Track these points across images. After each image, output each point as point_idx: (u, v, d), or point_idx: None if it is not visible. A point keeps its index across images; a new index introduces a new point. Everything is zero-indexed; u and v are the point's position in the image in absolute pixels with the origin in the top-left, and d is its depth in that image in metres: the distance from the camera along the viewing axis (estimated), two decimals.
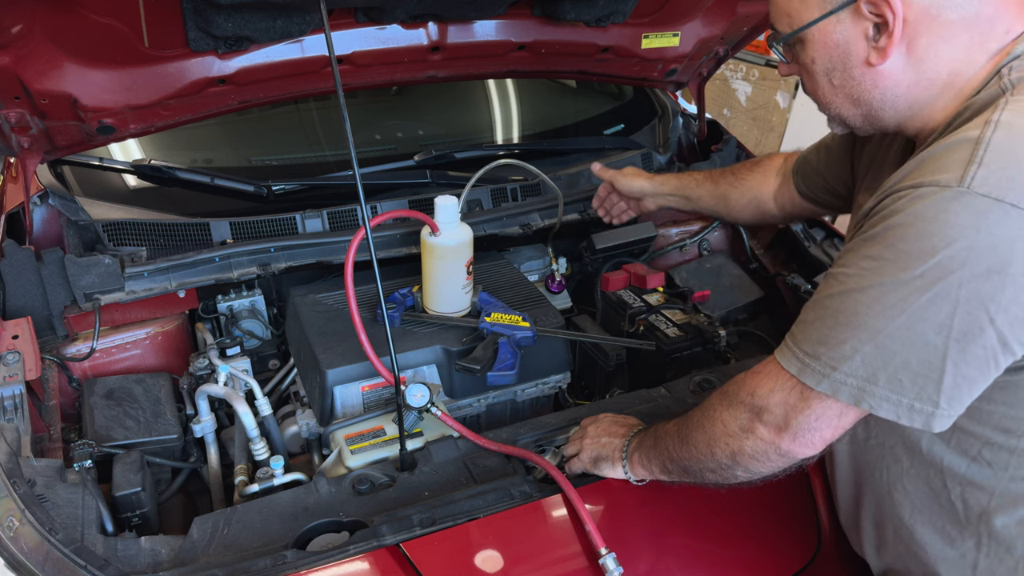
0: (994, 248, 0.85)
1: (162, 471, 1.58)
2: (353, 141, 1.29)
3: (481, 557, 1.20)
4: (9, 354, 1.47)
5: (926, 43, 0.97)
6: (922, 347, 0.90)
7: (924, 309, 0.89)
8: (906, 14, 0.94)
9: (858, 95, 1.04)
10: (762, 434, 1.04)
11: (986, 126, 0.90)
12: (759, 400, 1.04)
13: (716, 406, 1.12)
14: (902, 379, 0.92)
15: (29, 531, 1.12)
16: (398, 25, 1.80)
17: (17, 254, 1.63)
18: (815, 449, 1.02)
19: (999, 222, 0.85)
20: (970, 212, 0.85)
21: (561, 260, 2.12)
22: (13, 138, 1.65)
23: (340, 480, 1.36)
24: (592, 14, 1.89)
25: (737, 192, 1.69)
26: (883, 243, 0.92)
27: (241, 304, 1.85)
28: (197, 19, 1.53)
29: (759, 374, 1.06)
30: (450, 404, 1.63)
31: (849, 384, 0.95)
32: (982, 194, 0.85)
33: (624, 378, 1.88)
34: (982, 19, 0.95)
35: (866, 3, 0.95)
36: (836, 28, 1.00)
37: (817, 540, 1.37)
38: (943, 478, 1.06)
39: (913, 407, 0.93)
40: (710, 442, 1.11)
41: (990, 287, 0.86)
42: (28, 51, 1.45)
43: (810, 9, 1.00)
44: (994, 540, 1.04)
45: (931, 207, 0.88)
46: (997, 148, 0.87)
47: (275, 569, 1.14)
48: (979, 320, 0.88)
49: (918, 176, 0.91)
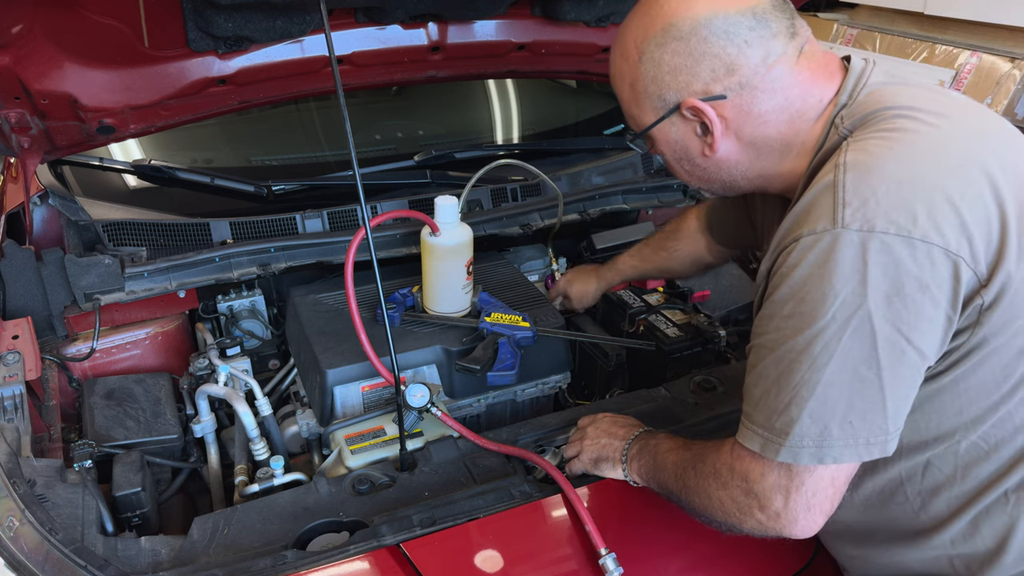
0: (884, 274, 0.91)
1: (162, 471, 1.58)
2: (353, 141, 1.29)
3: (481, 557, 1.20)
4: (9, 354, 1.47)
5: (750, 131, 1.08)
6: (859, 385, 0.94)
7: (848, 349, 0.93)
8: (721, 113, 1.06)
9: (708, 177, 1.17)
10: (761, 519, 1.04)
11: (836, 169, 0.97)
12: (754, 487, 1.03)
13: (710, 483, 1.09)
14: (852, 422, 0.95)
15: (29, 531, 1.12)
16: (398, 25, 1.80)
17: (17, 254, 1.63)
18: (815, 529, 1.02)
19: (879, 250, 0.91)
20: (852, 248, 0.92)
21: (561, 260, 2.12)
22: (13, 138, 1.65)
23: (340, 480, 1.36)
24: (592, 14, 1.90)
25: (676, 262, 1.79)
26: (792, 300, 0.96)
27: (241, 304, 1.85)
28: (197, 19, 1.53)
29: (743, 458, 1.05)
30: (450, 404, 1.63)
31: (807, 446, 0.97)
32: (855, 229, 0.92)
33: (624, 378, 1.88)
34: (792, 100, 1.06)
35: (686, 110, 1.07)
36: (671, 129, 1.12)
37: (815, 543, 1.37)
38: (905, 491, 1.09)
39: (869, 442, 0.96)
40: (708, 511, 1.11)
41: (894, 311, 0.92)
42: (28, 51, 1.45)
43: (647, 115, 1.12)
44: (957, 541, 1.06)
45: (818, 254, 0.94)
46: (852, 186, 0.94)
47: (275, 569, 1.14)
48: (898, 343, 0.93)
49: (796, 230, 0.98)
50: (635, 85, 1.10)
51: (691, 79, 1.05)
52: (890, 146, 0.97)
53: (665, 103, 1.09)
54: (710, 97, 1.05)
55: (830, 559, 1.30)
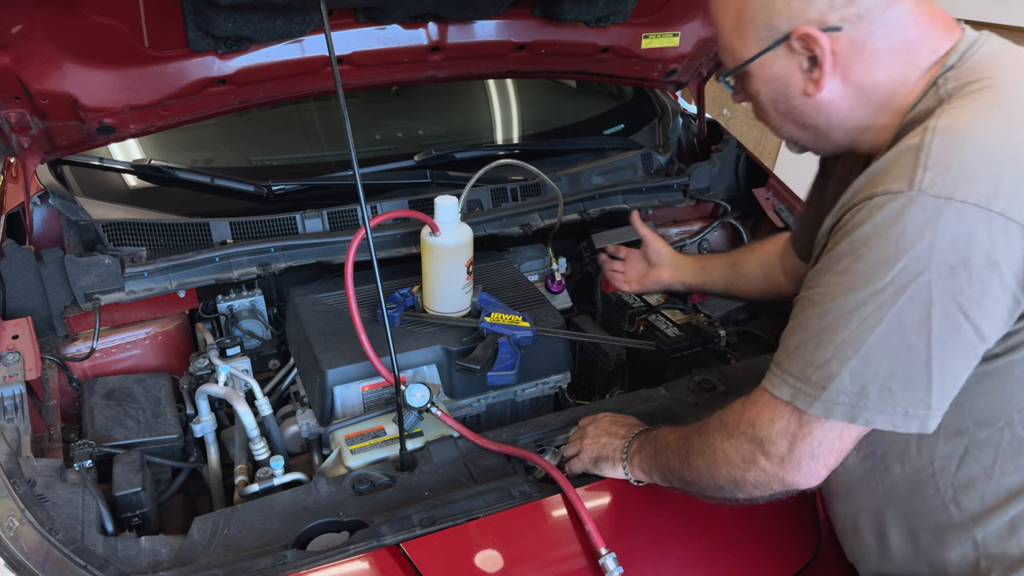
0: (953, 245, 0.88)
1: (162, 471, 1.58)
2: (353, 141, 1.29)
3: (481, 557, 1.20)
4: (9, 354, 1.47)
5: (859, 70, 1.02)
6: (906, 353, 0.92)
7: (901, 314, 0.91)
8: (834, 47, 0.99)
9: (803, 121, 1.10)
10: (764, 466, 1.04)
11: (925, 132, 0.93)
12: (760, 431, 1.04)
13: (716, 435, 1.11)
14: (892, 388, 0.94)
15: (29, 531, 1.12)
16: (398, 25, 1.80)
17: (17, 254, 1.63)
18: (818, 479, 1.03)
19: (953, 219, 0.88)
20: (924, 213, 0.89)
21: (561, 260, 2.12)
22: (13, 138, 1.65)
23: (340, 480, 1.36)
24: (592, 14, 1.89)
25: (748, 258, 1.71)
26: (850, 257, 0.94)
27: (241, 304, 1.85)
28: (197, 19, 1.53)
29: (756, 404, 1.05)
30: (450, 404, 1.63)
31: (842, 403, 0.96)
32: (932, 195, 0.88)
33: (624, 378, 1.88)
34: (909, 43, 1.00)
35: (796, 40, 1.00)
36: (774, 63, 1.05)
37: (817, 540, 1.37)
38: (936, 482, 1.07)
39: (908, 414, 0.95)
40: (711, 469, 1.12)
41: (957, 283, 0.89)
42: (28, 51, 1.45)
43: (748, 47, 1.06)
44: (990, 541, 1.04)
45: (888, 214, 0.91)
46: (938, 151, 0.91)
47: (275, 569, 1.14)
48: (954, 317, 0.90)
49: (870, 188, 0.95)
50: (742, 13, 1.04)
51: (806, 6, 0.98)
52: (986, 115, 0.93)
53: (773, 32, 1.02)
54: (825, 28, 0.98)
55: (832, 558, 1.30)
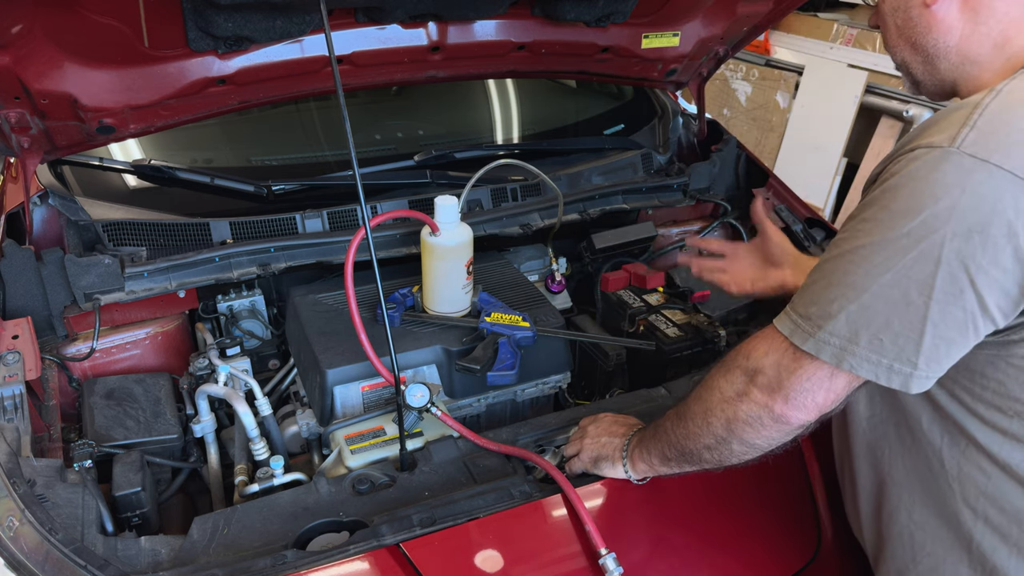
0: (976, 208, 0.87)
1: (162, 471, 1.58)
2: (353, 141, 1.29)
3: (481, 557, 1.20)
4: (9, 354, 1.47)
5: None
6: (904, 307, 0.92)
7: (908, 268, 0.91)
8: None
9: (915, 38, 1.08)
10: (756, 397, 1.04)
11: (990, 93, 0.93)
12: (753, 363, 1.05)
13: (714, 375, 1.13)
14: (883, 339, 0.94)
15: (29, 531, 1.12)
16: (398, 25, 1.80)
17: (17, 254, 1.63)
18: (808, 413, 1.02)
19: (983, 182, 0.87)
20: (957, 171, 0.88)
21: (561, 260, 2.12)
22: (13, 138, 1.65)
23: (340, 480, 1.36)
24: (592, 14, 1.89)
25: None
26: (877, 205, 0.95)
27: (241, 304, 1.85)
28: (197, 19, 1.53)
29: (756, 338, 1.07)
30: (450, 404, 1.63)
31: (832, 344, 0.97)
32: (969, 154, 0.88)
33: (624, 378, 1.88)
34: None
35: None
36: None
37: (817, 540, 1.37)
38: (941, 459, 1.07)
39: (892, 368, 0.95)
40: (706, 412, 1.12)
41: (970, 247, 0.88)
42: (28, 51, 1.45)
43: None
44: (990, 525, 1.04)
45: (922, 167, 0.91)
46: (991, 114, 0.90)
47: (275, 569, 1.14)
48: (959, 280, 0.90)
49: (916, 140, 0.95)
50: None
51: None
52: None
53: None
54: None
55: (832, 558, 1.30)
